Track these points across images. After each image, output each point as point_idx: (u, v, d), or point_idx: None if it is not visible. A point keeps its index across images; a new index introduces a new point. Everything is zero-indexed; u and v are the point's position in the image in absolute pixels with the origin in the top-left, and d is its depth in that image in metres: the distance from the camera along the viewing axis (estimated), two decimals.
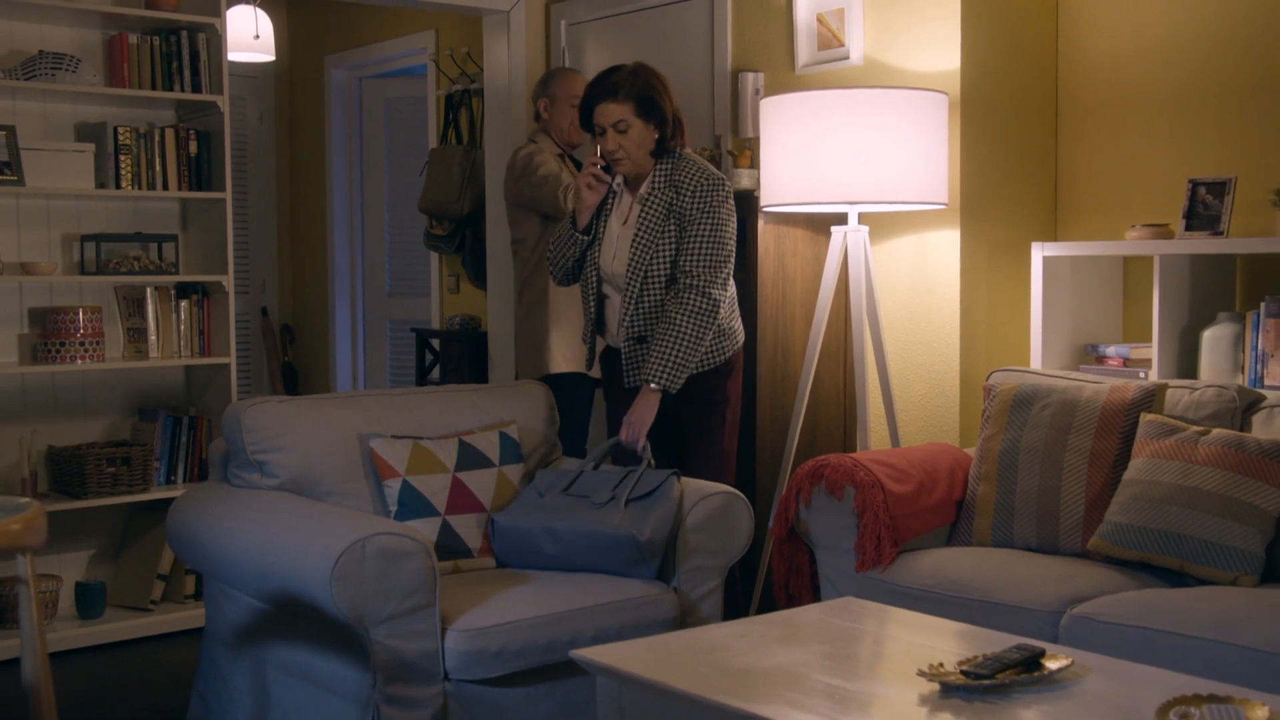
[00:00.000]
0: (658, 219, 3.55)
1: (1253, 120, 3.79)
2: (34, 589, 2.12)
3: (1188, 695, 2.08)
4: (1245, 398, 3.34)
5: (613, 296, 3.66)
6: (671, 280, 3.55)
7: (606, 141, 3.57)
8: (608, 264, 3.64)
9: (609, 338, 3.71)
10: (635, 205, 3.62)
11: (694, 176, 3.55)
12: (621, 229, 3.63)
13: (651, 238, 3.55)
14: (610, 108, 3.55)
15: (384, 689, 2.75)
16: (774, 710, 2.11)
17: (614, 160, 3.58)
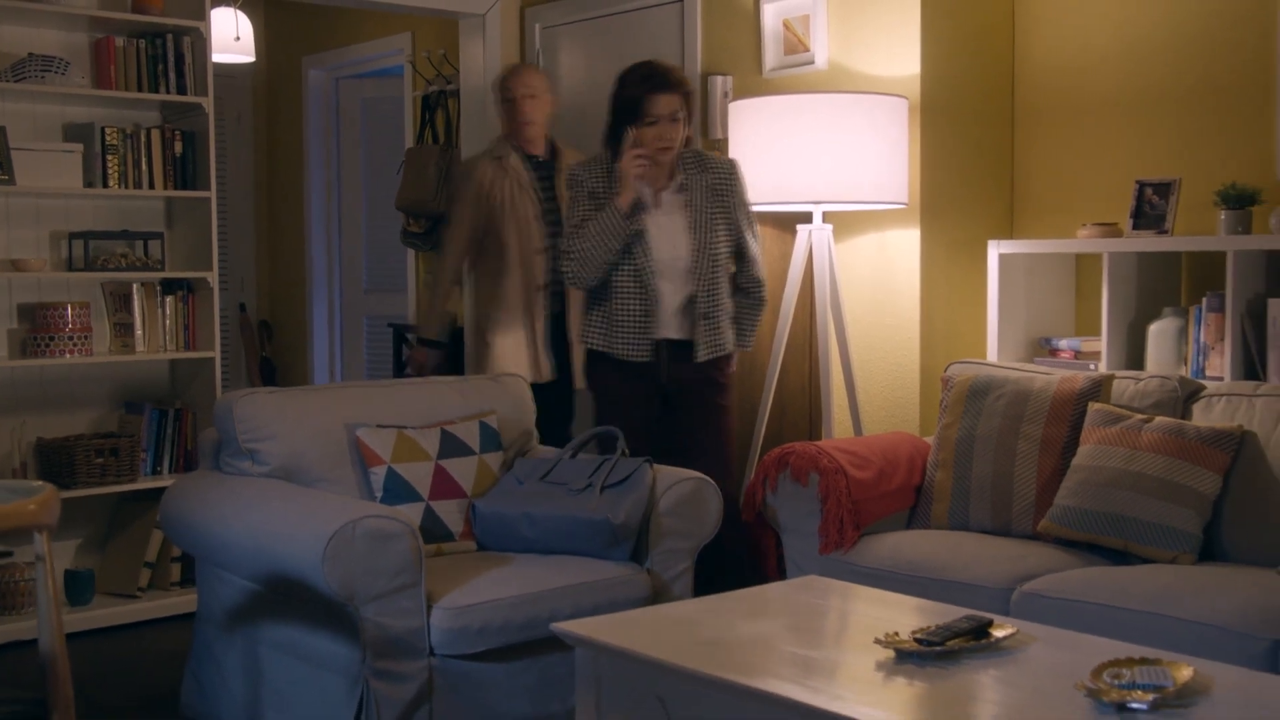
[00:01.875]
0: (705, 200, 3.75)
1: (1196, 125, 3.98)
2: (50, 565, 2.26)
3: (1121, 659, 2.26)
4: (1186, 388, 3.53)
5: (665, 288, 3.74)
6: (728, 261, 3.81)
7: (663, 131, 3.67)
8: (665, 253, 3.73)
9: (660, 329, 3.77)
10: (673, 194, 3.76)
11: (718, 159, 3.81)
12: (666, 219, 3.75)
13: (706, 219, 3.73)
14: (669, 99, 3.67)
15: (373, 664, 2.91)
16: (741, 675, 2.28)
17: (663, 150, 3.68)
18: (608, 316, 3.79)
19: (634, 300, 3.74)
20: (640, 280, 3.72)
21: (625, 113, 3.70)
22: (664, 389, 3.84)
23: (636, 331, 3.76)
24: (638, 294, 3.73)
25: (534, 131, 4.63)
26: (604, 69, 5.38)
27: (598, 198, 3.75)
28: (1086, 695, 2.13)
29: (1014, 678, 2.28)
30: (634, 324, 3.75)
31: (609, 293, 3.78)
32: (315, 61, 7.15)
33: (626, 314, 3.75)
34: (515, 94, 4.59)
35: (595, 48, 5.43)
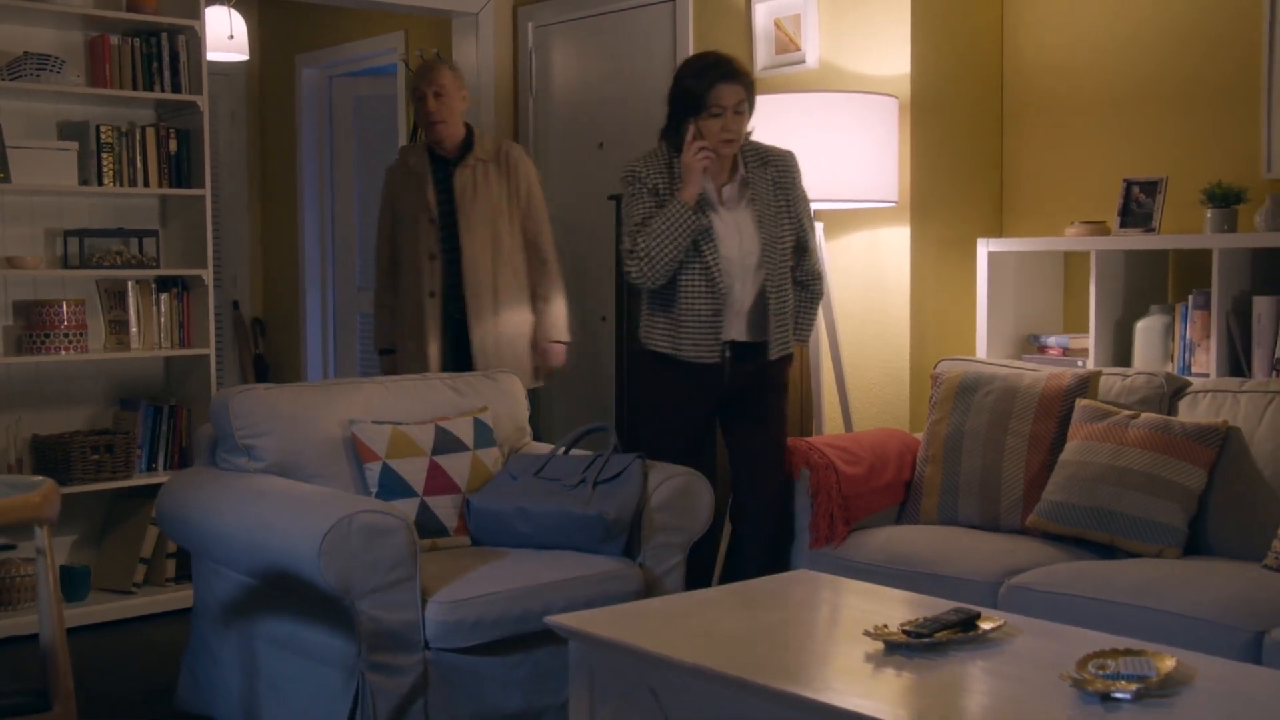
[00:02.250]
0: (769, 193, 3.61)
1: (1183, 124, 4.02)
2: (50, 559, 2.29)
3: (1106, 650, 2.30)
4: (1173, 384, 3.57)
5: (734, 286, 3.56)
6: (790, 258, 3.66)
7: (728, 122, 3.50)
8: (734, 250, 3.55)
9: (728, 330, 3.58)
10: (736, 189, 3.60)
11: (778, 151, 3.66)
12: (731, 216, 3.58)
13: (773, 212, 3.59)
14: (733, 89, 3.50)
15: (369, 657, 2.94)
16: (733, 667, 2.31)
17: (727, 142, 3.51)
18: (674, 318, 3.57)
19: (702, 300, 3.54)
20: (710, 279, 3.52)
21: (686, 104, 3.52)
22: (724, 392, 3.64)
23: (706, 333, 3.54)
24: (707, 294, 3.53)
25: (442, 131, 4.46)
26: (596, 68, 5.43)
27: (660, 194, 3.55)
28: (1071, 685, 2.17)
29: (1001, 669, 2.32)
30: (703, 325, 3.54)
31: (675, 293, 3.56)
32: (309, 60, 7.18)
33: (694, 315, 3.55)
34: (423, 92, 4.44)
35: (588, 47, 5.46)
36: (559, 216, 5.65)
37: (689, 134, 3.48)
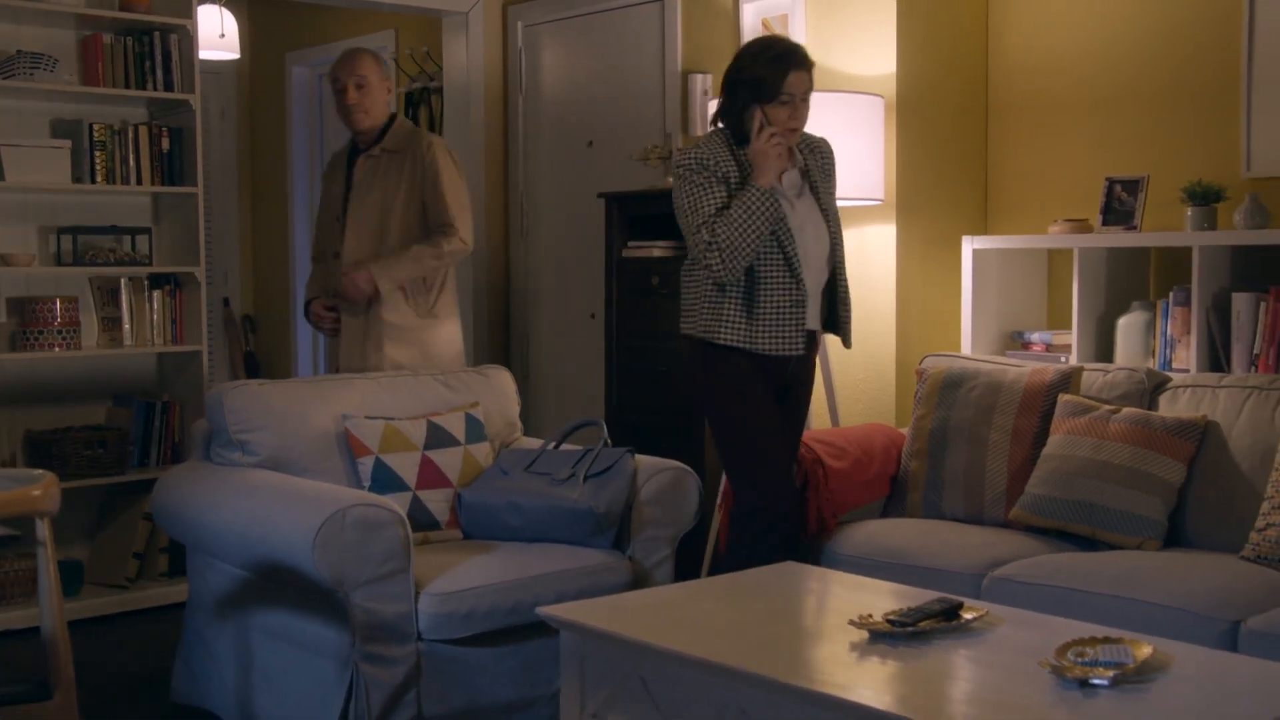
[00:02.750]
0: (824, 181, 3.56)
1: (1163, 123, 4.08)
2: (51, 550, 2.33)
3: (1084, 638, 2.35)
4: (1153, 379, 3.63)
5: (809, 276, 3.46)
6: None
7: (796, 110, 3.42)
8: (810, 242, 3.46)
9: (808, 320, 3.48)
10: (795, 175, 3.50)
11: (819, 140, 3.60)
12: (799, 203, 3.48)
13: (831, 199, 3.56)
14: (802, 76, 3.42)
15: (362, 648, 2.98)
16: (721, 656, 2.36)
17: (793, 131, 3.43)
18: (750, 310, 3.40)
19: (783, 291, 3.41)
20: (791, 269, 3.40)
21: (755, 91, 3.40)
22: (781, 384, 3.53)
23: (787, 324, 3.42)
24: (788, 285, 3.41)
25: (362, 121, 4.22)
26: (586, 67, 5.47)
27: (730, 183, 3.41)
28: (1051, 672, 2.22)
29: (982, 656, 2.37)
30: (784, 317, 3.42)
31: (753, 285, 3.40)
32: (298, 58, 7.21)
33: (774, 307, 3.41)
34: (344, 82, 4.21)
35: (577, 46, 5.51)
36: (548, 214, 5.70)
37: (757, 121, 3.38)
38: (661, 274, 4.59)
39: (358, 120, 4.22)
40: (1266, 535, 3.11)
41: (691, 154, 3.46)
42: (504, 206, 5.81)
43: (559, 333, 5.67)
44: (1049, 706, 2.12)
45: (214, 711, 3.45)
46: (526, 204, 5.76)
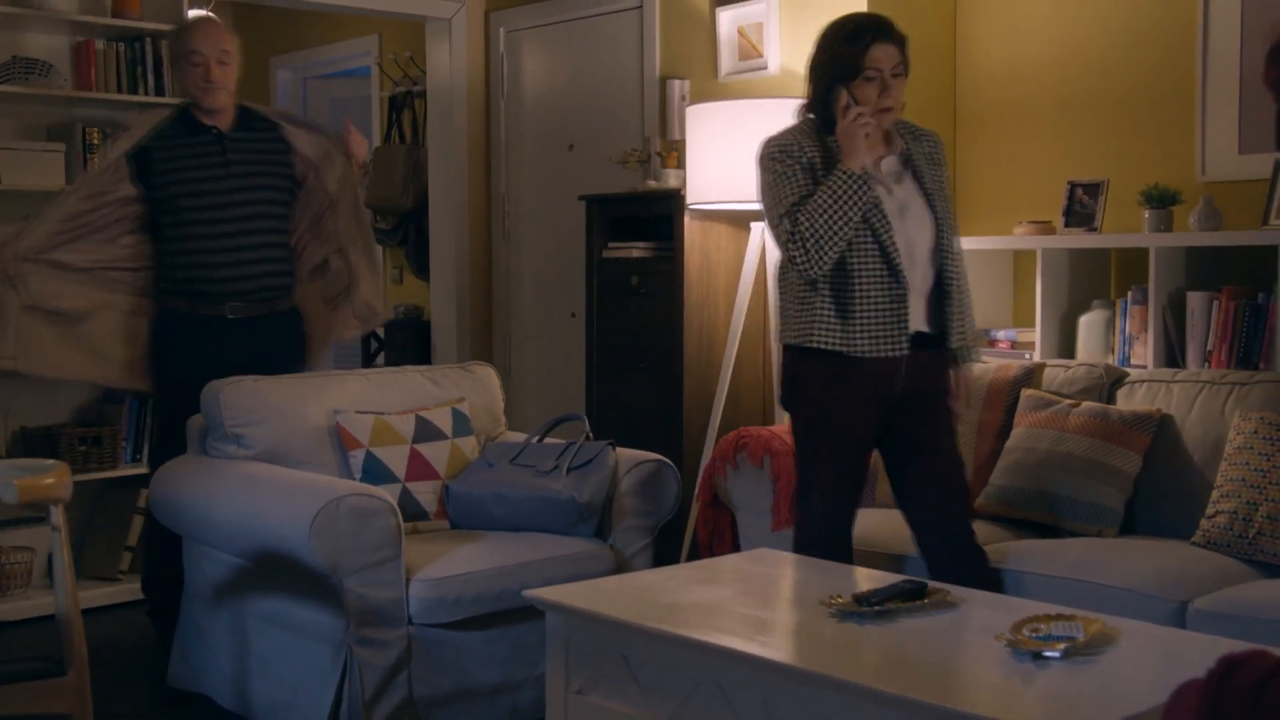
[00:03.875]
0: (929, 169, 3.22)
1: (1123, 130, 4.25)
2: (65, 535, 2.46)
3: (1039, 615, 2.51)
4: (1111, 375, 3.79)
5: (911, 273, 3.13)
6: None
7: (888, 88, 3.11)
8: (912, 231, 3.15)
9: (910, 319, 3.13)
10: (895, 161, 3.20)
11: (926, 129, 3.32)
12: (899, 191, 3.17)
13: (938, 188, 3.22)
14: (891, 50, 3.12)
15: (356, 632, 3.12)
16: (697, 632, 2.51)
17: (885, 110, 3.11)
18: (844, 308, 3.10)
19: (880, 287, 3.09)
20: (888, 261, 3.09)
21: (838, 70, 3.11)
22: (895, 395, 3.18)
23: (886, 323, 3.10)
24: (886, 279, 3.09)
25: (226, 100, 3.96)
26: (566, 72, 5.61)
27: (816, 171, 3.12)
28: (1006, 645, 2.37)
29: (943, 632, 2.52)
30: (881, 315, 3.10)
31: (846, 280, 3.10)
32: (283, 62, 7.32)
33: (870, 304, 3.09)
34: (203, 56, 3.87)
35: (558, 51, 5.64)
36: (530, 216, 5.84)
37: (842, 101, 3.08)
38: (641, 274, 4.73)
39: (217, 99, 3.92)
40: (1216, 522, 3.27)
41: (774, 141, 3.19)
42: (486, 209, 5.94)
43: (540, 331, 5.80)
44: (1003, 676, 2.27)
45: (210, 696, 3.57)
46: (508, 206, 5.89)
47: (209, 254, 3.86)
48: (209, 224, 3.87)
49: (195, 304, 3.87)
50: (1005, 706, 2.12)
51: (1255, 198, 3.85)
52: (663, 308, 4.65)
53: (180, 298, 3.89)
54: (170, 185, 3.87)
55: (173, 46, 4.00)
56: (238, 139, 3.96)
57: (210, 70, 3.88)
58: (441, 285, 5.93)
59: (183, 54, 3.90)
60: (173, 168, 3.88)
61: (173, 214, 3.87)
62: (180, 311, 3.89)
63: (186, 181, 3.87)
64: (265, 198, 3.98)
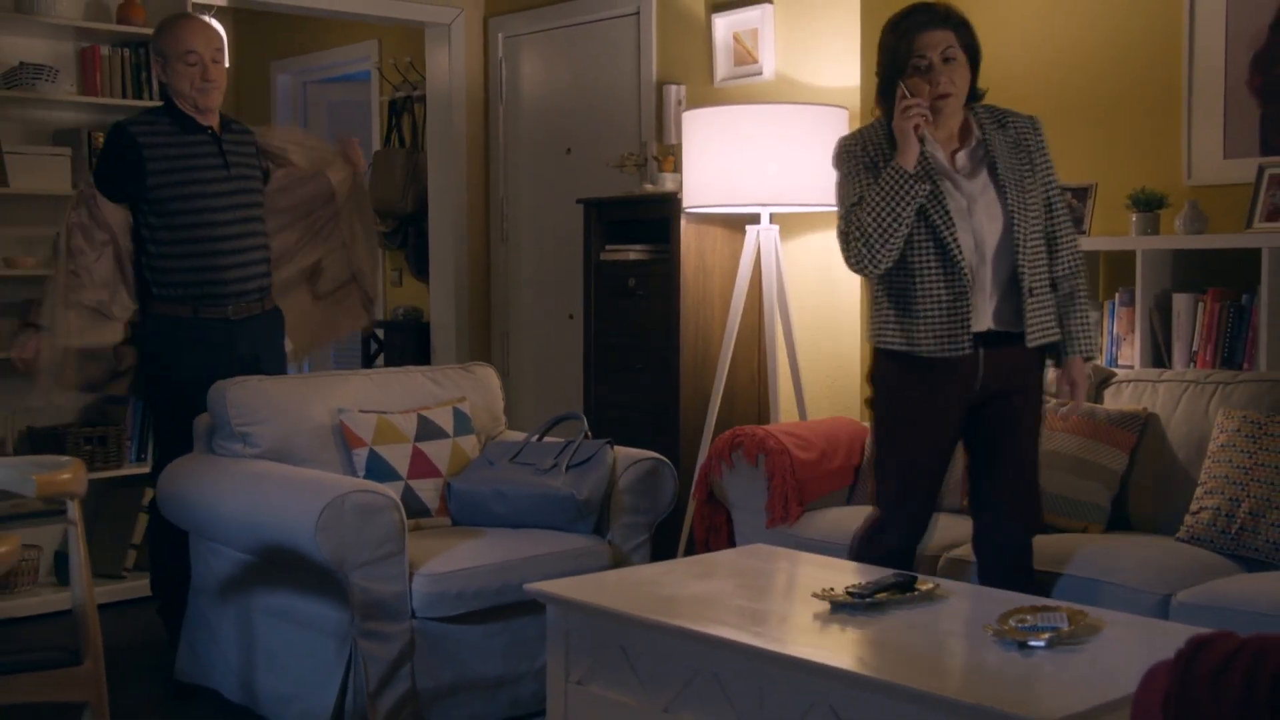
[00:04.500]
0: (1010, 156, 3.11)
1: (1111, 135, 4.33)
2: (81, 529, 2.53)
3: (1025, 606, 2.59)
4: (1099, 374, 3.87)
5: (978, 266, 3.06)
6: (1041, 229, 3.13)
7: (939, 73, 3.04)
8: (979, 223, 3.06)
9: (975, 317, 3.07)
10: (972, 154, 3.12)
11: (1019, 115, 3.20)
12: (968, 184, 3.09)
13: (1018, 177, 3.09)
14: (938, 35, 3.05)
15: (360, 625, 3.19)
16: (694, 623, 2.59)
17: (942, 96, 3.05)
18: (908, 307, 3.08)
19: (941, 284, 3.03)
20: (948, 258, 3.02)
21: (893, 64, 3.08)
22: (974, 396, 3.13)
23: (948, 321, 3.04)
24: (947, 276, 3.03)
25: (220, 99, 3.96)
26: (564, 77, 5.69)
27: (878, 169, 3.08)
28: (993, 635, 2.45)
29: (933, 623, 2.60)
30: (943, 313, 3.04)
31: (909, 278, 3.07)
32: (283, 67, 7.40)
33: (933, 301, 3.04)
34: (204, 56, 3.86)
35: (556, 57, 5.72)
36: (528, 219, 5.91)
37: (899, 95, 3.03)
38: (638, 276, 4.81)
39: (214, 99, 3.92)
40: (1199, 518, 3.35)
41: (841, 142, 3.20)
42: (485, 212, 6.02)
43: (538, 332, 5.88)
44: (990, 664, 2.35)
45: (217, 689, 3.65)
46: (507, 209, 5.97)
47: (216, 256, 3.89)
48: (213, 226, 3.89)
49: (198, 306, 3.88)
50: (991, 692, 2.20)
51: (1240, 201, 3.94)
52: (659, 309, 4.72)
53: (182, 303, 3.88)
54: (169, 186, 3.84)
55: (162, 45, 3.91)
56: (230, 140, 3.99)
57: (208, 69, 3.86)
58: (441, 287, 6.01)
59: (176, 53, 3.85)
60: (170, 168, 3.85)
61: (171, 215, 3.85)
62: (181, 316, 3.88)
63: (188, 184, 3.86)
64: (255, 200, 4.03)
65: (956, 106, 3.11)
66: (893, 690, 2.23)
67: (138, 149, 3.83)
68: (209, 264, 3.89)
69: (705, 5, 5.03)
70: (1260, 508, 3.25)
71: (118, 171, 3.84)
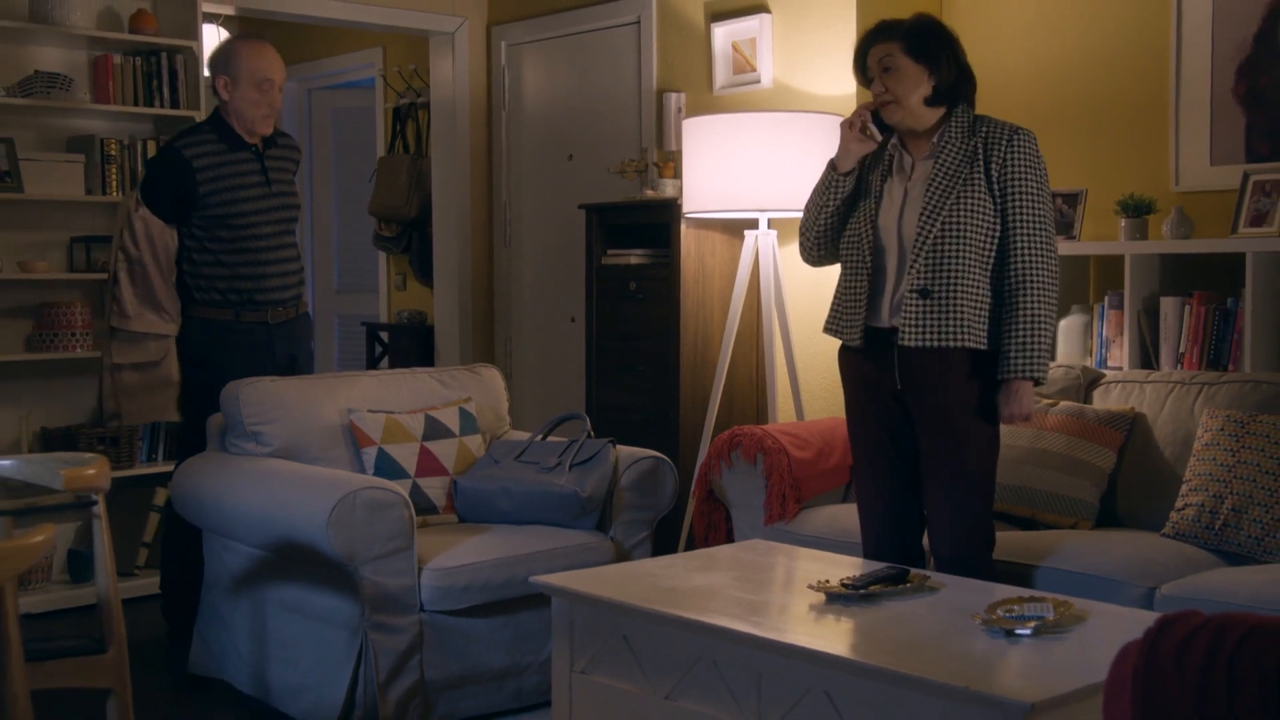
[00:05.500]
0: (954, 164, 3.15)
1: (1101, 142, 4.44)
2: (106, 523, 2.64)
3: (1013, 597, 2.69)
4: (1088, 375, 3.98)
5: (889, 265, 3.20)
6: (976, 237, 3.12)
7: (875, 84, 3.22)
8: (890, 222, 3.20)
9: (879, 317, 3.21)
10: (924, 162, 3.21)
11: (1000, 126, 3.21)
12: (909, 185, 3.21)
13: (948, 183, 3.14)
14: (879, 48, 3.22)
15: (371, 618, 3.29)
16: (694, 613, 2.69)
17: (882, 105, 3.21)
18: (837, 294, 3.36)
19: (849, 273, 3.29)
20: (860, 250, 3.23)
21: (861, 76, 3.31)
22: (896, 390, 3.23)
23: (850, 310, 3.28)
24: (854, 266, 3.26)
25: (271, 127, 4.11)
26: (566, 84, 5.79)
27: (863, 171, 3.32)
28: (982, 624, 2.56)
29: (924, 613, 2.71)
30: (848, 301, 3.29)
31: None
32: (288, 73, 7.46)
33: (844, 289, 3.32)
34: (276, 84, 4.03)
35: (558, 64, 5.82)
36: (531, 224, 6.01)
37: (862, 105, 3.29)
38: (638, 280, 4.91)
39: (270, 126, 4.06)
40: (1184, 514, 3.46)
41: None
42: (488, 216, 6.12)
43: (541, 335, 5.98)
44: (978, 651, 2.45)
45: (229, 681, 3.75)
46: (510, 214, 6.07)
47: (257, 266, 4.03)
48: (256, 238, 4.02)
49: (240, 312, 4.02)
50: (978, 676, 2.30)
51: (1225, 207, 4.04)
52: (660, 312, 4.83)
53: (225, 308, 4.01)
54: (216, 206, 3.96)
55: (234, 67, 3.97)
56: (272, 155, 4.12)
57: (276, 99, 4.01)
58: (444, 291, 6.11)
59: (251, 79, 3.95)
60: (218, 187, 3.96)
61: (215, 229, 3.97)
62: (224, 321, 4.01)
63: (236, 201, 3.98)
64: (292, 215, 4.17)
65: (902, 114, 3.22)
66: (884, 675, 2.33)
67: (191, 172, 3.94)
68: (250, 273, 4.03)
69: (705, 15, 5.14)
70: (1243, 504, 3.35)
71: (169, 192, 3.96)
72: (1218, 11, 4.13)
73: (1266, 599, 2.92)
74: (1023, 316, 3.11)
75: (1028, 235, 3.14)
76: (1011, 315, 3.12)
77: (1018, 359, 3.11)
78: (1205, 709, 1.42)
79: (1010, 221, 3.15)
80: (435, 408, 3.96)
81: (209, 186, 3.96)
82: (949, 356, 3.13)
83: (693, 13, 5.18)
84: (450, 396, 4.06)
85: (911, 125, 3.23)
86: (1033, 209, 3.16)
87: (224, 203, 3.97)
